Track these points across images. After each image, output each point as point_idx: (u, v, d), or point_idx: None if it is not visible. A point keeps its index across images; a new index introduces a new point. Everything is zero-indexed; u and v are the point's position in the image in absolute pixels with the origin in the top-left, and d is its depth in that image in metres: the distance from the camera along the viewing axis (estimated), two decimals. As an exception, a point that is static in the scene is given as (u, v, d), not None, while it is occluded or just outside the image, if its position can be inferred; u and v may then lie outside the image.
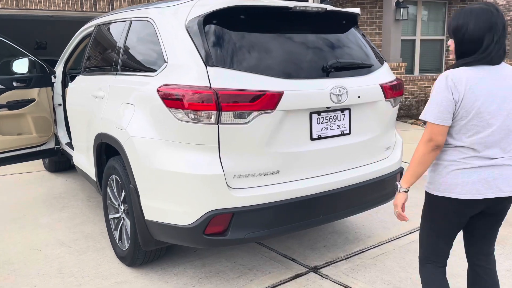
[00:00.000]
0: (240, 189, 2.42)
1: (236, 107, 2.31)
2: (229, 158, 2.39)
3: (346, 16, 3.00)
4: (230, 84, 2.33)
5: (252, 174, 2.44)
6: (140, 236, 2.71)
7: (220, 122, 2.31)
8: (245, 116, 2.35)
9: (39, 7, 8.63)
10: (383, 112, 2.96)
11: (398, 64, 9.40)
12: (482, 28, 1.79)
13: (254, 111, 2.35)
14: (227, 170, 2.38)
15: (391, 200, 3.18)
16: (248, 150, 2.41)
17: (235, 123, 2.34)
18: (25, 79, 4.60)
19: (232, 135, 2.36)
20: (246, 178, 2.44)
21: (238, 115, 2.34)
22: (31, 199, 4.60)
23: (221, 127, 2.32)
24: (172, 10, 2.74)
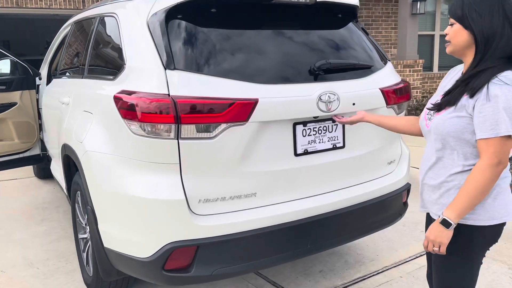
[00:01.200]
0: (207, 216, 2.03)
1: (199, 119, 1.91)
2: (192, 180, 1.99)
3: (342, 8, 2.56)
4: (193, 91, 1.94)
5: (222, 197, 2.04)
6: (100, 265, 2.35)
7: (181, 136, 1.92)
8: (211, 129, 1.95)
9: (40, 6, 8.40)
10: None
11: (415, 61, 8.85)
12: None
13: (221, 124, 1.95)
14: (190, 194, 1.98)
15: (395, 222, 2.73)
16: (216, 170, 2.01)
17: (198, 137, 1.94)
18: (5, 81, 4.30)
19: (195, 152, 1.96)
20: (215, 203, 2.04)
21: (202, 129, 1.94)
22: (11, 210, 4.30)
23: (181, 143, 1.93)
24: (135, 3, 2.35)
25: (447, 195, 1.63)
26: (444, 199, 1.64)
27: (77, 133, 2.50)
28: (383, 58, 2.65)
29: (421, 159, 1.75)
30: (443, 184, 1.64)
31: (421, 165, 1.74)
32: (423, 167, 1.73)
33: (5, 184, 5.16)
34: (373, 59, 2.53)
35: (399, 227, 3.69)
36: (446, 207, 1.58)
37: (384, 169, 2.60)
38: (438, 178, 1.66)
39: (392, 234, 3.57)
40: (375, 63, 2.52)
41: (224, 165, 2.01)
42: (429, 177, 1.69)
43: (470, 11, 1.51)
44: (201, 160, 1.97)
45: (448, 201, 1.62)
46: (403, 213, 2.75)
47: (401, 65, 8.93)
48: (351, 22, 2.62)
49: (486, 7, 1.50)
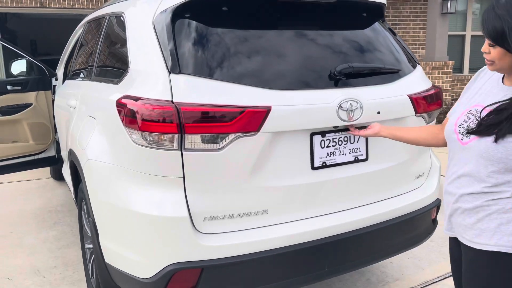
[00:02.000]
0: (213, 235, 1.84)
1: (204, 129, 1.73)
2: (198, 195, 1.80)
3: (367, 7, 2.33)
4: (199, 98, 1.75)
5: (230, 215, 1.85)
6: (101, 280, 2.20)
7: (184, 147, 1.74)
8: (218, 140, 1.76)
9: (63, 6, 8.42)
10: None
11: (444, 63, 8.46)
12: None
13: (229, 134, 1.76)
14: (195, 211, 1.80)
15: (423, 242, 2.49)
16: (223, 185, 1.82)
17: (204, 149, 1.76)
18: (21, 82, 4.24)
19: (201, 165, 1.77)
20: (222, 220, 1.85)
21: (208, 139, 1.75)
22: (25, 212, 4.24)
23: (185, 155, 1.75)
24: (142, 1, 2.19)
25: (487, 220, 1.43)
26: (483, 224, 1.44)
27: (80, 139, 2.36)
28: (412, 61, 2.40)
29: (449, 175, 1.53)
30: (483, 208, 1.44)
31: (452, 185, 1.51)
32: (455, 188, 1.50)
33: (21, 185, 5.12)
34: (401, 63, 2.29)
35: (426, 243, 3.42)
36: None
37: (412, 183, 2.36)
38: (475, 201, 1.45)
39: (418, 250, 3.32)
40: (403, 67, 2.28)
41: (232, 180, 1.82)
42: (465, 201, 1.48)
43: None
44: (207, 173, 1.79)
45: (488, 226, 1.41)
46: (432, 231, 2.50)
47: (429, 67, 8.56)
48: (377, 22, 2.39)
49: None
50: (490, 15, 1.33)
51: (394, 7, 9.60)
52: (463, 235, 1.52)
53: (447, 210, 1.57)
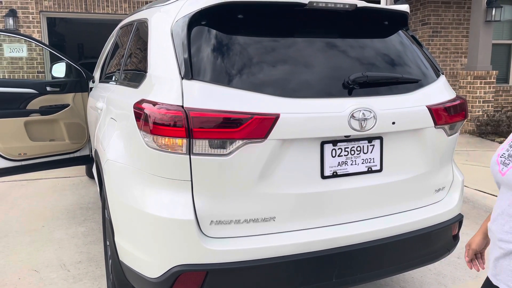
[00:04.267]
0: (219, 240, 1.86)
1: (212, 134, 1.75)
2: (205, 199, 1.83)
3: (389, 15, 2.29)
4: (209, 104, 1.78)
5: (236, 220, 1.87)
6: (116, 277, 2.27)
7: (193, 152, 1.77)
8: (226, 145, 1.78)
9: (106, 11, 8.79)
10: (433, 143, 2.20)
11: (487, 72, 8.12)
12: None
13: (237, 140, 1.78)
14: (201, 214, 1.83)
15: (442, 258, 2.39)
16: (230, 190, 1.84)
17: (212, 154, 1.78)
18: (60, 83, 4.47)
19: (208, 169, 1.80)
20: (228, 225, 1.87)
21: (216, 144, 1.77)
22: (58, 208, 4.44)
23: (193, 159, 1.78)
24: (164, 9, 2.26)
25: None
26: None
27: (103, 140, 2.45)
28: (435, 70, 2.33)
29: (493, 211, 1.40)
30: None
31: (494, 223, 1.39)
32: (496, 226, 1.38)
33: (57, 182, 5.37)
34: (422, 72, 2.23)
35: (452, 259, 3.29)
36: None
37: (431, 197, 2.28)
38: None
39: (443, 266, 3.19)
40: (424, 77, 2.21)
41: (239, 185, 1.84)
42: (506, 241, 1.34)
43: None
44: (215, 178, 1.81)
45: None
46: (452, 248, 2.40)
47: (471, 76, 8.24)
48: (399, 30, 2.34)
49: None
50: None
51: (436, 14, 9.33)
52: (500, 279, 1.35)
53: (492, 251, 1.41)
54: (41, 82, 4.41)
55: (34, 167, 4.40)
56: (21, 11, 8.40)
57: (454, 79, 9.63)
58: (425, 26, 9.50)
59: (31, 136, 4.31)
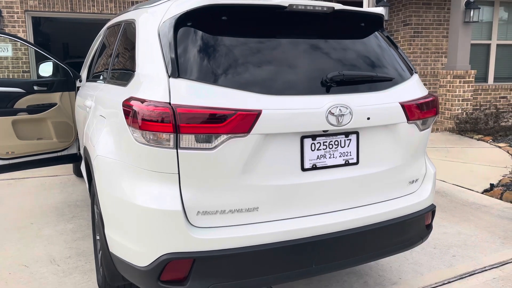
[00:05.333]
0: (205, 229, 1.97)
1: (198, 129, 1.87)
2: (191, 191, 1.94)
3: (365, 18, 2.43)
4: (195, 100, 1.89)
5: (221, 210, 1.98)
6: (106, 268, 2.36)
7: (180, 146, 1.88)
8: (211, 140, 1.89)
9: (92, 11, 8.80)
10: (406, 138, 2.35)
11: (466, 72, 8.36)
12: None
13: (222, 135, 1.89)
14: (188, 205, 1.94)
15: (415, 246, 2.54)
16: (216, 182, 1.95)
17: (198, 148, 1.89)
18: (47, 83, 4.52)
19: (195, 163, 1.91)
20: (214, 215, 1.98)
21: (202, 139, 1.89)
22: (46, 206, 4.49)
23: (180, 153, 1.89)
24: (152, 10, 2.36)
25: None
26: None
27: (92, 137, 2.54)
28: (409, 69, 2.48)
29: None
30: None
31: None
32: None
33: (45, 180, 5.41)
34: (396, 71, 2.37)
35: (429, 249, 3.46)
36: None
37: (405, 189, 2.43)
38: None
39: (420, 256, 3.35)
40: (398, 75, 2.36)
41: (224, 177, 1.95)
42: None
43: None
44: (201, 171, 1.92)
45: None
46: (425, 236, 2.55)
47: (451, 75, 8.48)
48: (375, 31, 2.48)
49: None
50: None
51: (417, 15, 9.56)
52: None
53: None
54: (28, 81, 4.46)
55: (22, 166, 4.45)
56: (6, 11, 8.37)
57: (434, 78, 9.88)
58: (406, 27, 9.73)
59: (19, 135, 4.36)
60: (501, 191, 4.79)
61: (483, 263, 3.23)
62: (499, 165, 6.03)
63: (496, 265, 3.20)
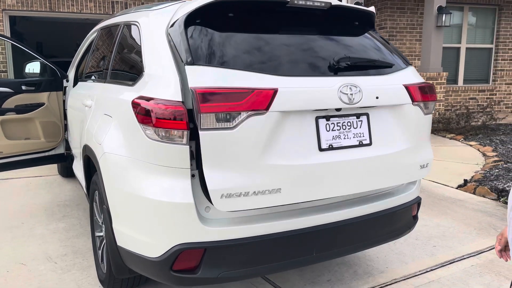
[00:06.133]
0: (215, 220, 2.09)
1: (218, 108, 1.93)
2: (214, 173, 1.97)
3: (358, 15, 2.61)
4: (213, 82, 1.97)
5: (245, 192, 2.03)
6: (113, 262, 2.45)
7: (201, 127, 1.94)
8: (231, 118, 1.96)
9: (72, 10, 8.72)
10: (413, 119, 2.48)
11: (438, 74, 8.75)
12: None
13: (241, 112, 1.96)
14: (212, 188, 1.97)
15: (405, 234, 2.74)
16: (238, 162, 2.00)
17: (219, 128, 1.96)
18: (35, 83, 4.51)
19: (216, 143, 1.96)
20: (238, 198, 2.02)
21: (222, 118, 1.95)
22: (34, 206, 4.48)
23: (201, 134, 1.95)
24: (157, 13, 2.46)
25: None
26: None
27: (97, 135, 2.61)
28: (404, 61, 2.65)
29: None
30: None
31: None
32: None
33: (30, 181, 5.37)
34: (394, 60, 2.55)
35: (411, 241, 3.67)
36: None
37: (417, 172, 2.54)
38: None
39: (404, 247, 3.56)
40: (397, 64, 2.53)
41: (246, 157, 2.00)
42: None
43: None
44: (223, 151, 1.97)
45: None
46: (412, 226, 2.76)
47: (424, 78, 8.85)
48: (369, 30, 2.66)
49: None
50: None
51: (392, 19, 9.92)
52: None
53: None
54: (16, 81, 4.44)
55: (10, 166, 4.43)
56: (-19, 9, 8.19)
57: (409, 80, 10.24)
58: (382, 30, 10.07)
59: (7, 135, 4.34)
60: (474, 186, 5.09)
61: (461, 252, 3.47)
62: (471, 162, 6.38)
63: (474, 253, 3.45)
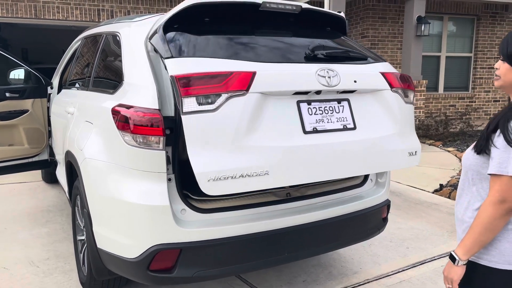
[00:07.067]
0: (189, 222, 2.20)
1: (199, 90, 1.98)
2: (199, 156, 1.97)
3: (329, 19, 2.75)
4: (192, 69, 2.02)
5: (233, 175, 1.99)
6: (93, 264, 2.53)
7: (183, 111, 1.96)
8: (212, 100, 2.00)
9: (57, 17, 8.77)
10: (394, 106, 2.52)
11: (418, 82, 8.99)
12: None
13: (222, 94, 2.01)
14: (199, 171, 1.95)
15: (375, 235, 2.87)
16: (223, 143, 2.00)
17: (200, 111, 1.99)
18: (19, 90, 4.57)
19: (199, 126, 1.97)
20: (225, 182, 2.01)
21: (203, 101, 1.99)
22: (17, 212, 4.53)
23: (184, 118, 1.96)
24: (137, 24, 2.58)
25: None
26: None
27: (78, 141, 2.70)
28: (379, 58, 2.74)
29: None
30: (465, 220, 1.63)
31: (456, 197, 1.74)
32: (456, 199, 1.72)
33: (14, 187, 5.40)
34: (369, 55, 2.67)
35: (386, 243, 3.81)
36: None
37: (407, 159, 2.53)
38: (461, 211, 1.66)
39: (378, 249, 3.70)
40: (371, 58, 2.64)
41: (230, 138, 2.01)
42: (457, 210, 1.69)
43: None
44: (206, 133, 1.98)
45: None
46: (382, 227, 2.89)
47: (405, 85, 9.07)
48: (342, 35, 2.81)
49: None
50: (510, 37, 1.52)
51: (374, 28, 10.16)
52: None
53: None
54: (0, 88, 4.49)
55: (-6, 172, 4.47)
56: (-34, 16, 8.20)
57: (390, 87, 10.47)
58: (364, 39, 10.31)
59: (-10, 141, 4.38)
60: (449, 190, 5.27)
61: (432, 253, 3.62)
62: (448, 168, 6.58)
63: (444, 254, 3.60)
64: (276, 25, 2.51)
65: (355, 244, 3.70)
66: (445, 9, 10.57)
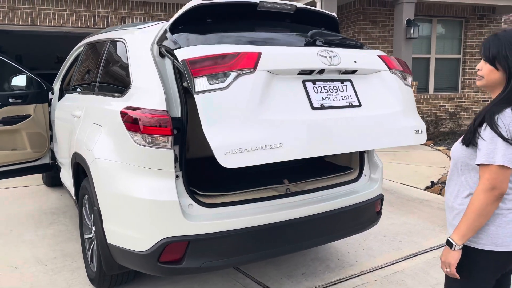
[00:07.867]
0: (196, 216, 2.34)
1: (209, 70, 2.09)
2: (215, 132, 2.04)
3: (322, 18, 2.93)
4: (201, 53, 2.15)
5: (248, 148, 2.04)
6: (103, 259, 2.66)
7: (195, 91, 2.05)
8: (222, 79, 2.11)
9: (53, 24, 8.87)
10: (395, 86, 2.63)
11: (409, 83, 9.21)
12: None
13: (231, 72, 2.09)
14: (216, 146, 2.01)
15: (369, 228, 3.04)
16: (236, 118, 2.07)
17: (212, 89, 2.06)
18: (21, 95, 4.69)
19: (212, 103, 2.05)
20: (242, 154, 2.04)
21: (214, 80, 2.10)
22: (21, 214, 4.63)
23: (197, 98, 2.05)
24: (142, 31, 2.73)
25: (458, 218, 1.73)
26: (456, 221, 1.73)
27: (87, 143, 2.84)
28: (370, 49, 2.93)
29: None
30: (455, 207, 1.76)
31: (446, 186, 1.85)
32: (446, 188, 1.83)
33: (16, 191, 5.50)
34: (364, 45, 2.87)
35: (380, 237, 3.98)
36: None
37: (413, 137, 2.59)
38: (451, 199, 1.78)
39: (373, 243, 3.86)
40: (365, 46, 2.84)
41: (242, 114, 2.09)
42: (447, 198, 1.82)
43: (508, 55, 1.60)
44: (220, 110, 2.05)
45: None
46: (376, 220, 3.05)
47: (396, 86, 9.29)
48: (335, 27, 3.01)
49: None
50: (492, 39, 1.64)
51: (365, 31, 10.38)
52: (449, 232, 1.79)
53: None
54: (3, 94, 4.61)
55: (-2, 175, 4.58)
56: (-37, 23, 8.28)
57: (382, 89, 10.69)
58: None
59: (-6, 146, 4.49)
60: (440, 187, 5.46)
61: (424, 246, 3.79)
62: (439, 166, 6.78)
63: (435, 247, 3.77)
64: (273, 24, 2.70)
65: (351, 239, 3.88)
66: (434, 12, 10.82)
